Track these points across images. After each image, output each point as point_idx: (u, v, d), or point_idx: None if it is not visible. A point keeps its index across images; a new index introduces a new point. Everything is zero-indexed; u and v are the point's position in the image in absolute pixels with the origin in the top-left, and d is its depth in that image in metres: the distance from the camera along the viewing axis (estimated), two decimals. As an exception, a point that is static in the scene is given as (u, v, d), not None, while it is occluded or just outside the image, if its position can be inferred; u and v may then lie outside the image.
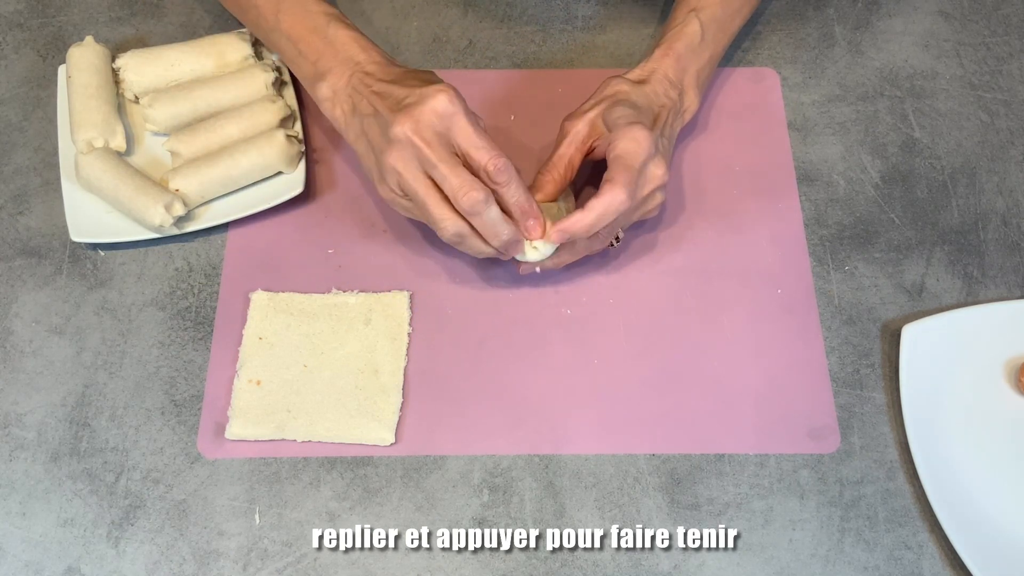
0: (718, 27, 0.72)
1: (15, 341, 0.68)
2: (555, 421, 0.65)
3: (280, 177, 0.72)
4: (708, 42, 0.72)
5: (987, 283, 0.71)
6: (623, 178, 0.62)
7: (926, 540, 0.62)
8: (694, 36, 0.71)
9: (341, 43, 0.66)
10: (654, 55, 0.70)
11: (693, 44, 0.71)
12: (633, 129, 0.63)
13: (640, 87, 0.68)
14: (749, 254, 0.71)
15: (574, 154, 0.66)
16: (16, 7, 0.82)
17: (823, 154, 0.76)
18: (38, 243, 0.71)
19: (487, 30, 0.81)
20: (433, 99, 0.59)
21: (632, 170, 0.62)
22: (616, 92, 0.67)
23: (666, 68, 0.70)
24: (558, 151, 0.66)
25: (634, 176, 0.62)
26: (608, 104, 0.66)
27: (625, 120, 0.64)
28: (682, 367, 0.67)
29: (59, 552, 0.61)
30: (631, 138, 0.63)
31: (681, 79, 0.70)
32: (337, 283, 0.70)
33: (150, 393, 0.66)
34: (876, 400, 0.67)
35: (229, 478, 0.63)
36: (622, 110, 0.65)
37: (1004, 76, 0.80)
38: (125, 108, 0.75)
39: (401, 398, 0.65)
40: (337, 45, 0.66)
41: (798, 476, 0.64)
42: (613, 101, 0.66)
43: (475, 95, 0.78)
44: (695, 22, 0.71)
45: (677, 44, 0.70)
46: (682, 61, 0.70)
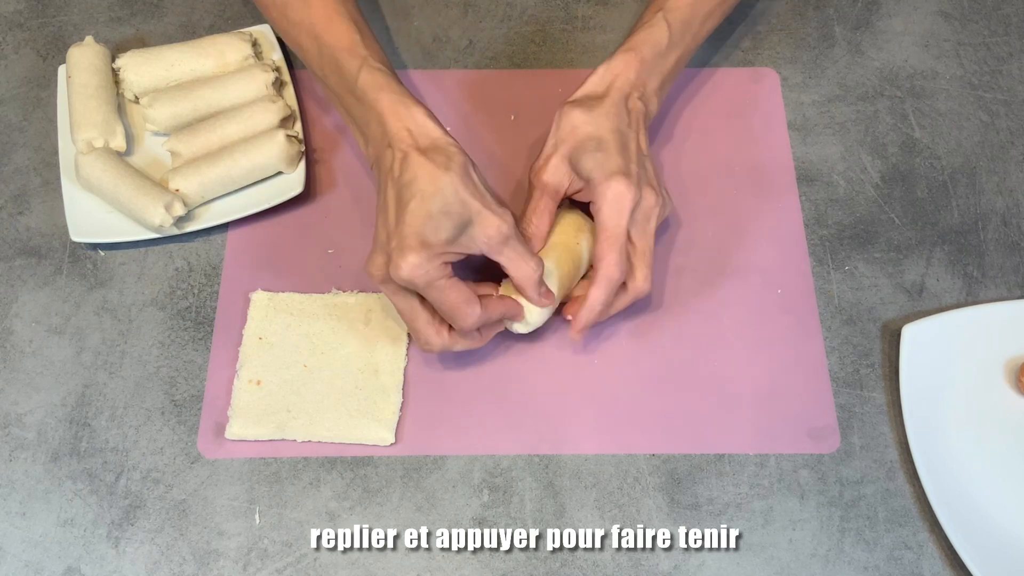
0: (687, 29, 0.70)
1: (15, 341, 0.68)
2: (555, 421, 0.65)
3: (280, 177, 0.72)
4: (675, 45, 0.69)
5: (987, 283, 0.71)
6: (611, 257, 0.62)
7: (926, 540, 0.62)
8: (661, 40, 0.68)
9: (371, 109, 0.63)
10: (617, 59, 0.67)
11: (660, 48, 0.68)
12: (610, 186, 0.62)
13: (597, 108, 0.65)
14: (749, 254, 0.71)
15: (547, 203, 0.65)
16: (16, 7, 0.82)
17: (823, 154, 0.76)
18: (38, 243, 0.71)
19: (487, 30, 0.81)
20: (395, 272, 0.58)
21: (616, 239, 0.62)
22: (574, 129, 0.64)
23: (629, 75, 0.67)
24: (531, 204, 0.65)
25: (618, 243, 0.62)
26: (571, 146, 0.64)
27: (600, 172, 0.62)
28: (682, 367, 0.67)
29: (59, 552, 0.61)
30: (612, 198, 0.62)
31: (644, 85, 0.67)
32: (337, 283, 0.70)
33: (150, 393, 0.66)
34: (876, 400, 0.67)
35: (229, 478, 0.63)
36: (590, 158, 0.63)
37: (1004, 76, 0.80)
38: (125, 108, 0.75)
39: (401, 398, 0.65)
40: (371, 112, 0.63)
41: (798, 476, 0.64)
42: (574, 144, 0.64)
43: (475, 95, 0.78)
44: (663, 24, 0.69)
45: (644, 49, 0.68)
46: (646, 66, 0.67)
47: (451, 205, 0.58)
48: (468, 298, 0.59)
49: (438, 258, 0.58)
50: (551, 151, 0.65)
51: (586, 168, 0.63)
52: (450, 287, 0.58)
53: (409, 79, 0.78)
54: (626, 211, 0.62)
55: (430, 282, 0.58)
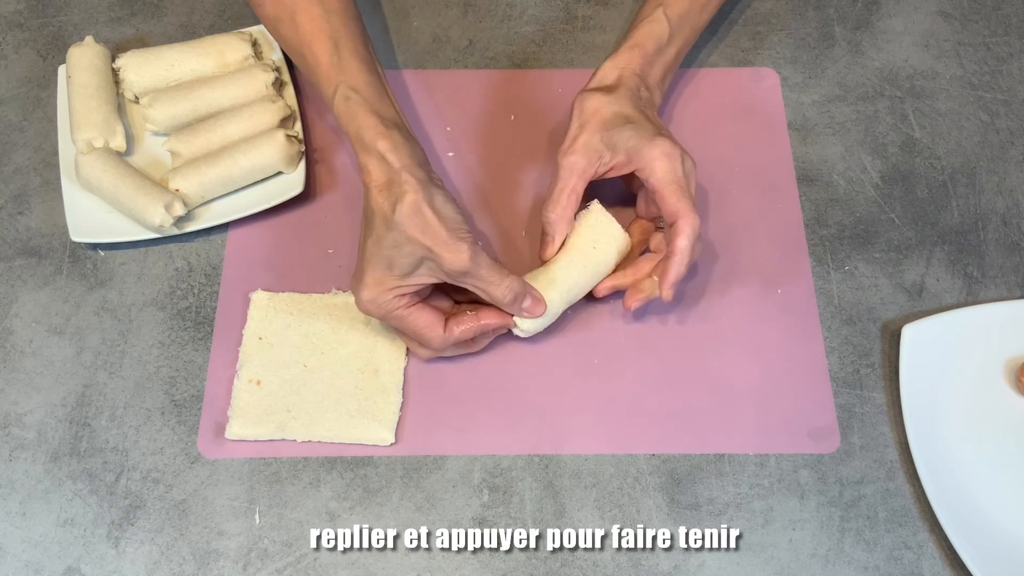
0: (685, 22, 0.72)
1: (15, 341, 0.68)
2: (555, 421, 0.65)
3: (280, 177, 0.72)
4: (675, 38, 0.71)
5: (987, 283, 0.71)
6: (686, 204, 0.62)
7: (926, 540, 0.62)
8: (662, 34, 0.70)
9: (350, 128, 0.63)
10: (621, 53, 0.69)
11: (661, 42, 0.70)
12: (656, 143, 0.63)
13: (614, 95, 0.66)
14: (749, 254, 0.71)
15: (576, 183, 0.65)
16: (16, 7, 0.82)
17: (823, 154, 0.76)
18: (38, 243, 0.71)
19: (487, 30, 0.81)
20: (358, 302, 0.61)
21: (684, 188, 0.63)
22: (597, 110, 0.65)
23: (634, 68, 0.68)
24: (558, 184, 0.65)
25: (688, 191, 0.63)
26: (598, 125, 0.65)
27: (640, 138, 0.63)
28: (682, 367, 0.67)
29: (59, 552, 0.61)
30: (661, 154, 0.63)
31: (647, 78, 0.69)
32: (337, 283, 0.70)
33: (150, 393, 0.66)
34: (876, 400, 0.67)
35: (229, 478, 0.63)
36: (625, 131, 0.64)
37: (1004, 76, 0.80)
38: (125, 108, 0.75)
39: (401, 398, 0.65)
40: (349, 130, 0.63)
41: (798, 476, 0.64)
42: (601, 123, 0.65)
43: (475, 95, 0.78)
44: (663, 20, 0.70)
45: (647, 43, 0.69)
46: (649, 59, 0.69)
47: (402, 244, 0.59)
48: (430, 323, 0.62)
49: (392, 292, 0.60)
50: (577, 132, 0.65)
51: (623, 138, 0.64)
52: (408, 316, 0.61)
53: (409, 79, 0.78)
54: (679, 163, 0.63)
55: (386, 314, 0.61)
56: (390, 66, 0.79)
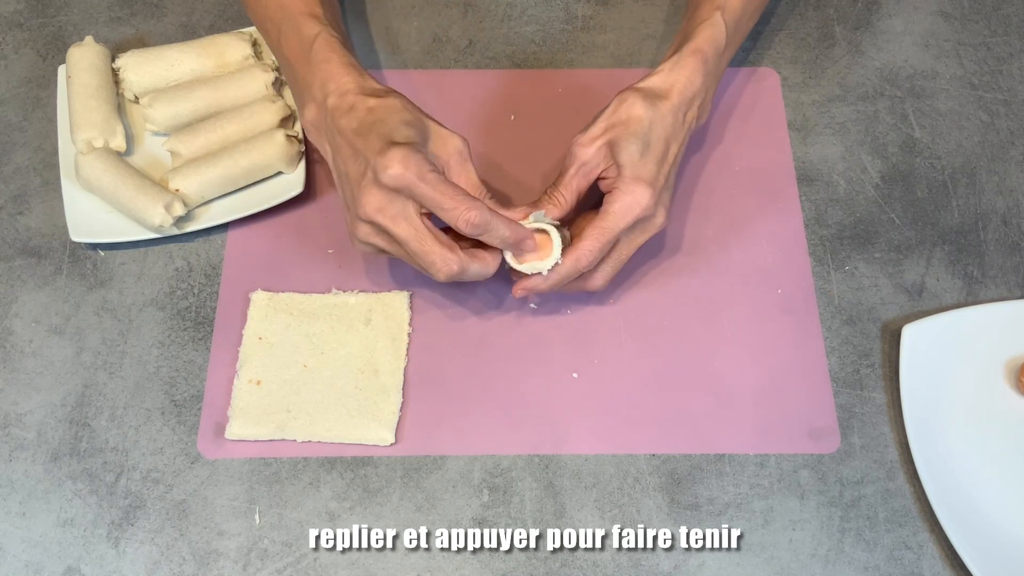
0: (737, 29, 0.70)
1: (15, 341, 0.68)
2: (555, 421, 0.65)
3: (280, 177, 0.72)
4: (730, 46, 0.69)
5: (987, 283, 0.71)
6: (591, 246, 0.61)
7: (926, 540, 0.62)
8: (720, 41, 0.67)
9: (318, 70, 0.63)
10: (686, 60, 0.65)
11: (719, 50, 0.67)
12: (633, 189, 0.61)
13: (658, 106, 0.63)
14: (749, 254, 0.71)
15: (580, 181, 0.64)
16: (16, 7, 0.82)
17: (823, 154, 0.76)
18: (38, 243, 0.71)
19: (487, 30, 0.81)
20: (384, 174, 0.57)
21: (607, 240, 0.61)
22: (629, 119, 0.63)
23: (695, 80, 0.65)
24: (566, 176, 0.64)
25: (607, 242, 0.62)
26: (621, 132, 0.62)
27: (631, 171, 0.62)
28: (682, 367, 0.67)
29: (59, 552, 0.61)
30: (629, 201, 0.61)
31: (707, 91, 0.67)
32: (337, 283, 0.70)
33: (150, 393, 0.66)
34: (876, 400, 0.67)
35: (229, 478, 0.63)
36: (629, 153, 0.62)
37: (1004, 76, 0.80)
38: (125, 108, 0.75)
39: (401, 398, 0.65)
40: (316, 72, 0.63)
41: (798, 476, 0.64)
42: (623, 132, 0.62)
43: (475, 95, 0.78)
44: (721, 23, 0.67)
45: (708, 50, 0.66)
46: (710, 69, 0.66)
47: (410, 120, 0.59)
48: (464, 192, 0.58)
49: (418, 153, 0.57)
50: (599, 133, 0.63)
51: (621, 159, 0.62)
52: (442, 180, 0.57)
53: (409, 79, 0.78)
54: (632, 218, 0.62)
55: (421, 175, 0.56)
56: (390, 66, 0.79)
